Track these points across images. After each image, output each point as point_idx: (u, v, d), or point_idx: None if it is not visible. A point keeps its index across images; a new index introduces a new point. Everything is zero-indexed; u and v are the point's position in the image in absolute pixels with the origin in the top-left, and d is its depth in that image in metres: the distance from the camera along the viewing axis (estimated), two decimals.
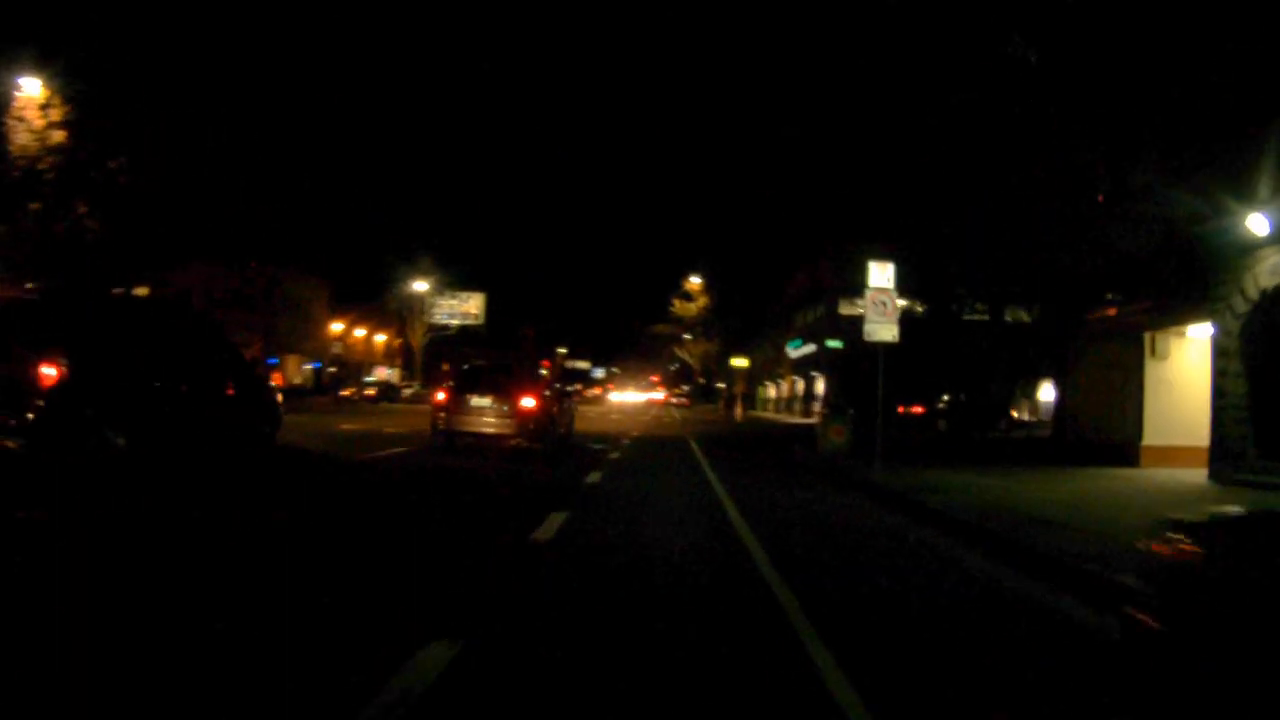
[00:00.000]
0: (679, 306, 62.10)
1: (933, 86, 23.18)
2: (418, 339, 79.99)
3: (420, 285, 72.11)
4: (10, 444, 8.77)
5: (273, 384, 16.94)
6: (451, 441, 18.00)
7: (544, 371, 30.89)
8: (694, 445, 25.13)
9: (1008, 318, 32.56)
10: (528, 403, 18.00)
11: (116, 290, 22.11)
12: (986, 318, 43.69)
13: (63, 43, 24.30)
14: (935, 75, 22.90)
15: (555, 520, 8.49)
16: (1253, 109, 14.03)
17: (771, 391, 75.08)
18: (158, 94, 27.14)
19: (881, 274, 18.99)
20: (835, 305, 54.80)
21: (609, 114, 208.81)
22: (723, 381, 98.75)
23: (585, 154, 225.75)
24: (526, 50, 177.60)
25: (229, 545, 6.83)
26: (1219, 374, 14.96)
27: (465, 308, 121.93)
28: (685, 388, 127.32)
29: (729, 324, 58.56)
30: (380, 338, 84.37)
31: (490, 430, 17.97)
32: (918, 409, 43.74)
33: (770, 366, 66.39)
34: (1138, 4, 17.32)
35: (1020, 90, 19.98)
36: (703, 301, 60.83)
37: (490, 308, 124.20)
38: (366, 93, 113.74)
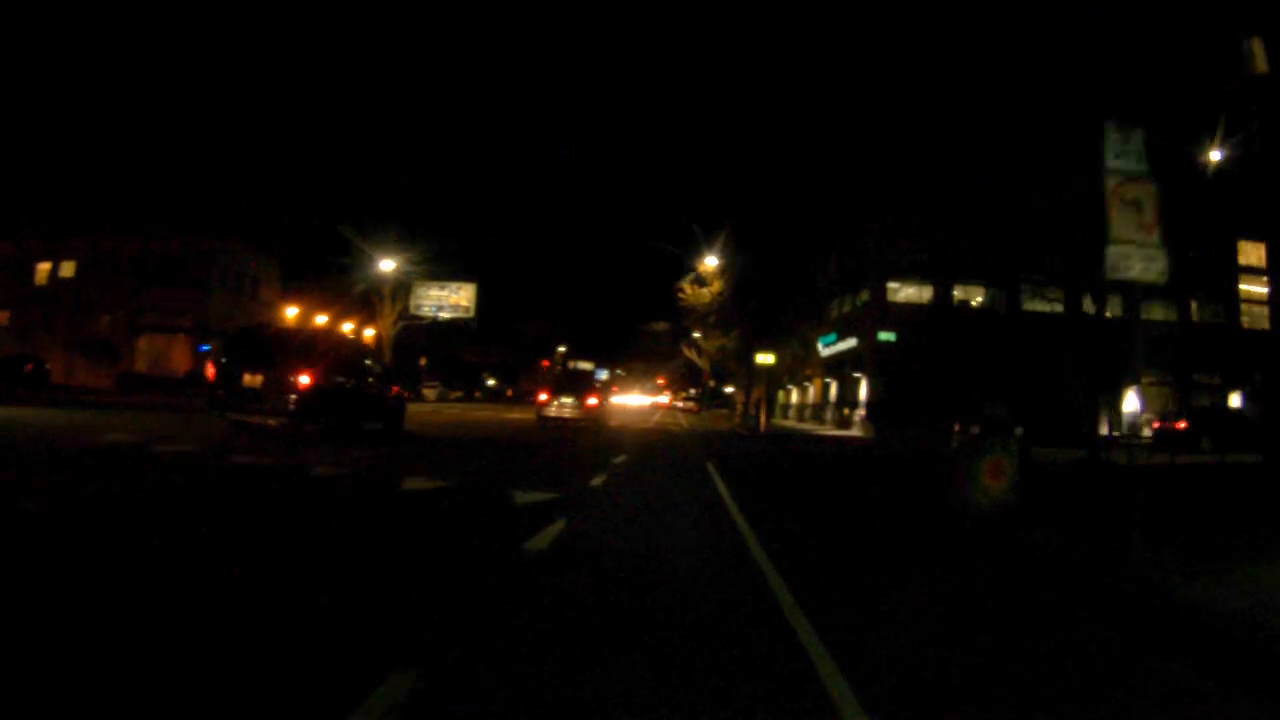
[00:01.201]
0: (689, 293, 51.64)
1: None
2: (387, 329, 69.81)
3: (387, 264, 61.77)
4: (272, 422, 16.29)
5: (396, 390, 23.47)
6: (546, 422, 30.91)
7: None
8: (721, 487, 14.62)
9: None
10: (592, 400, 33.09)
11: None
12: (1055, 308, 34.70)
13: None
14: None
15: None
16: None
17: (794, 396, 64.68)
18: None
19: (1127, 148, 9.31)
20: (883, 290, 44.58)
21: (615, 77, 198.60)
22: (735, 385, 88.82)
23: (588, 128, 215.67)
24: (530, 21, 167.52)
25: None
26: None
27: (455, 299, 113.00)
28: (693, 391, 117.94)
29: (748, 312, 48.19)
30: (347, 326, 74.16)
31: (569, 415, 31.70)
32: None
33: (795, 366, 56.32)
34: None
35: None
36: (717, 286, 50.45)
37: (483, 300, 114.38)
38: (359, 67, 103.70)
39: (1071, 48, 22.58)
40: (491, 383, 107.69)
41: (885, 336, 42.02)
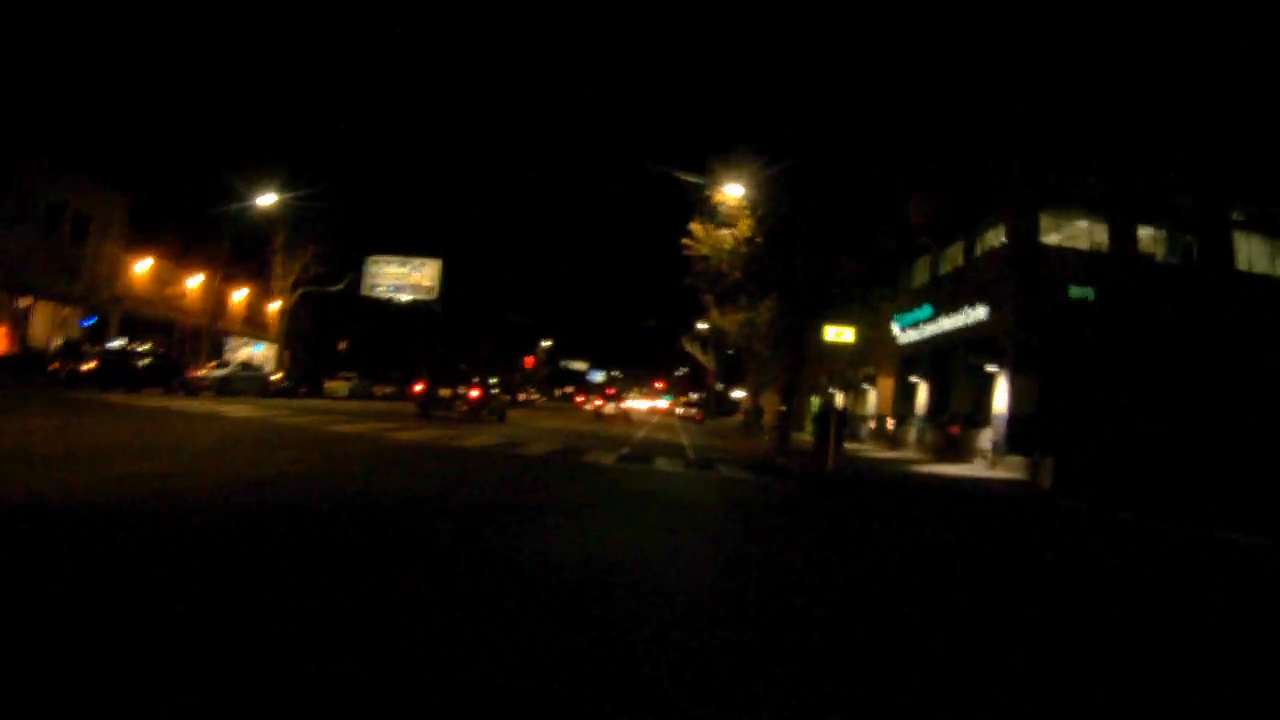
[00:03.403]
0: (702, 236, 32.61)
1: None
2: (284, 298, 51.33)
3: (266, 198, 43.33)
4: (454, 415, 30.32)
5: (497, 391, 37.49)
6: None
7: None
8: None
9: None
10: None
11: None
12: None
13: None
14: None
15: None
16: None
17: (839, 401, 46.07)
18: None
19: None
20: (1032, 226, 26.52)
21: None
22: (750, 386, 70.19)
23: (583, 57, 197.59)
24: None
25: None
26: None
27: (416, 277, 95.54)
28: (694, 396, 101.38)
29: (796, 268, 29.42)
30: (240, 294, 55.50)
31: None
32: None
33: (851, 360, 37.98)
34: None
35: None
36: (745, 228, 31.64)
37: (457, 286, 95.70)
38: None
39: None
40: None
41: (1079, 292, 23.52)
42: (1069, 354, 24.18)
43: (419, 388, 32.43)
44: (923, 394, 32.56)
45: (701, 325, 72.23)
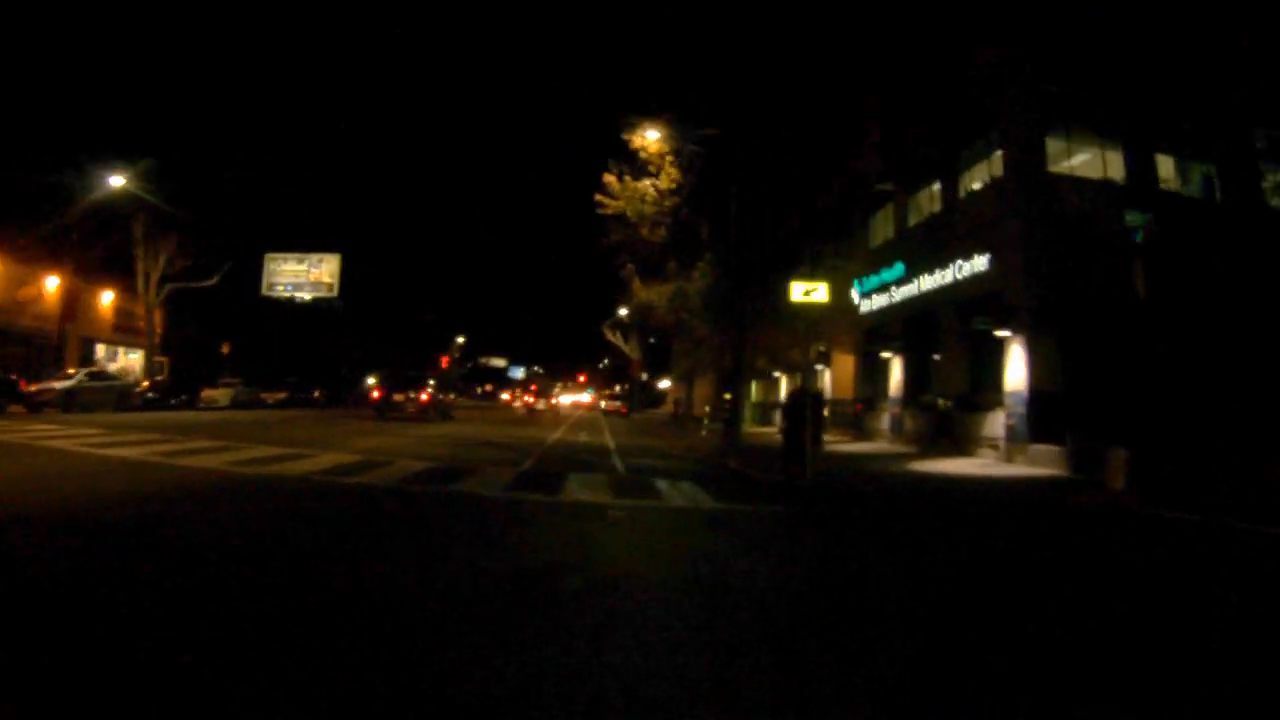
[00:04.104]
0: (620, 190, 26.34)
1: None
2: (149, 296, 43.88)
3: (116, 180, 36.22)
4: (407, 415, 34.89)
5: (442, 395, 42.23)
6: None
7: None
8: None
9: None
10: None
11: None
12: None
13: None
14: None
15: None
16: None
17: (784, 388, 40.39)
18: None
19: None
20: (1035, 149, 21.07)
21: None
22: (676, 376, 64.63)
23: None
24: None
25: None
26: None
27: (315, 274, 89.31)
28: (619, 389, 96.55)
29: (722, 221, 23.47)
30: (108, 296, 47.55)
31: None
32: None
33: (783, 340, 32.36)
34: None
35: None
36: (669, 179, 25.54)
37: (366, 283, 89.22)
38: None
39: None
40: (372, 381, 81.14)
41: (1134, 219, 17.79)
42: (1110, 307, 18.66)
43: (376, 394, 39.06)
44: (896, 371, 26.76)
45: (623, 311, 66.54)
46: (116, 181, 35.81)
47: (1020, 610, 5.92)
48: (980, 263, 21.20)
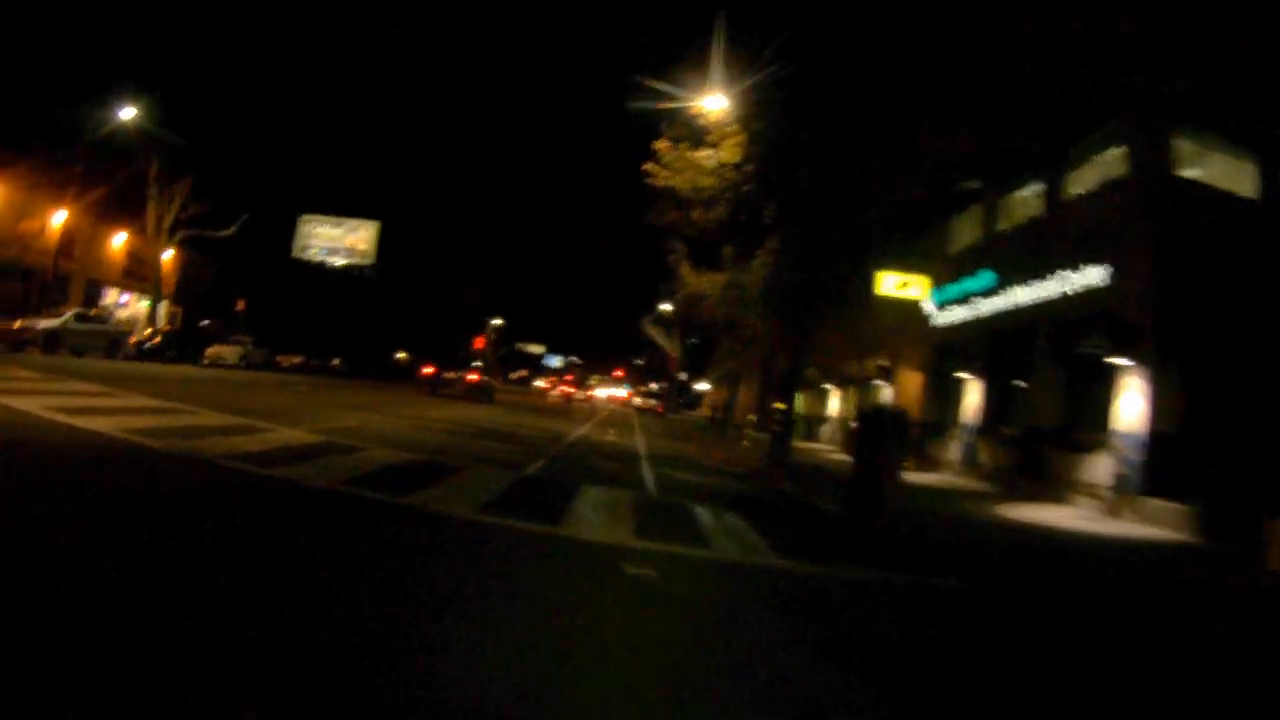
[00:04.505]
0: (671, 159, 22.86)
1: None
2: (159, 242, 41.28)
3: (126, 111, 33.73)
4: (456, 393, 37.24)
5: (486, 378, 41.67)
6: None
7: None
8: None
9: None
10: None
11: None
12: None
13: None
14: None
15: None
16: None
17: (835, 404, 37.11)
18: None
19: None
20: (1160, 149, 17.77)
21: None
22: (716, 379, 61.33)
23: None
24: None
25: None
26: None
27: (351, 240, 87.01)
28: (654, 386, 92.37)
29: (794, 196, 20.17)
30: (120, 238, 45.18)
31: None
32: None
33: (842, 348, 29.12)
34: None
35: None
36: (732, 150, 22.09)
37: (390, 249, 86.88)
38: None
39: None
40: (401, 356, 78.86)
41: None
42: (1250, 338, 15.32)
43: (429, 370, 40.86)
44: (973, 395, 23.33)
45: (665, 306, 63.43)
46: (127, 113, 33.19)
47: None
48: (1094, 275, 17.78)
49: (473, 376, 39.52)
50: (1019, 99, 22.05)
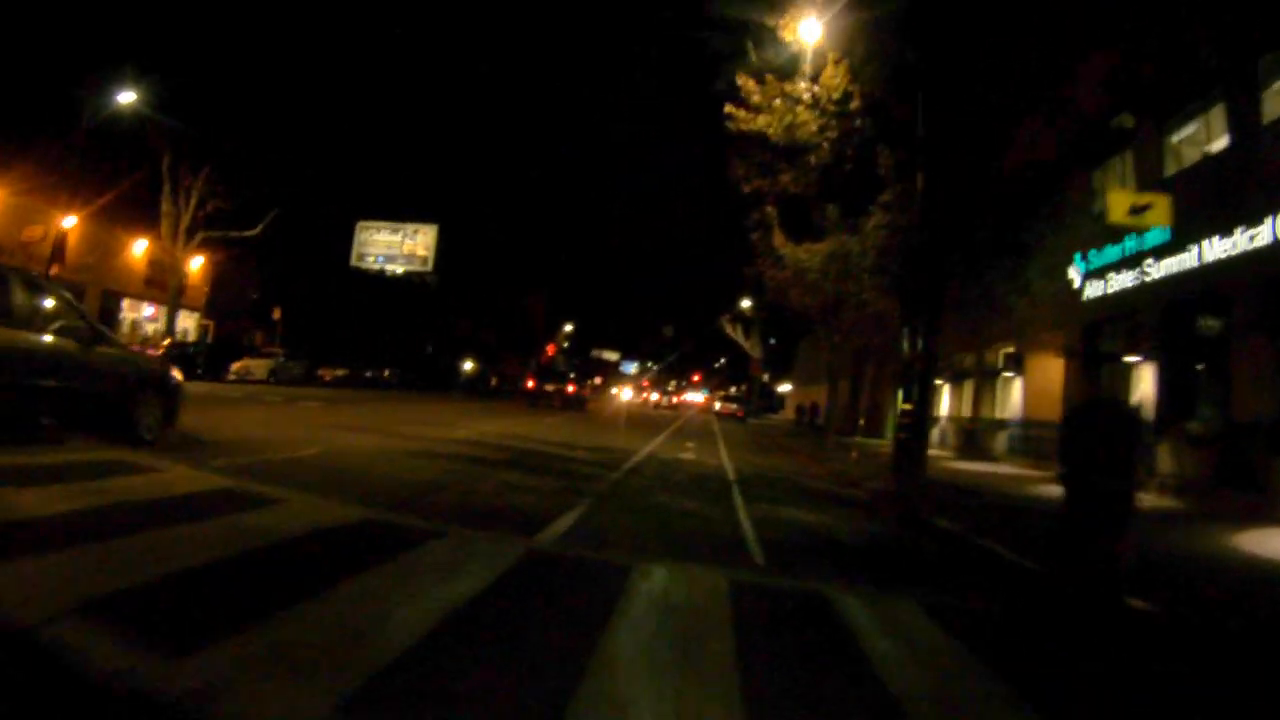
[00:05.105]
0: (762, 95, 18.58)
1: None
2: (177, 246, 37.46)
3: (125, 95, 30.41)
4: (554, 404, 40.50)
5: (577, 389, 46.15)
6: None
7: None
8: None
9: None
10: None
11: None
12: None
13: None
14: None
15: None
16: None
17: (945, 400, 32.24)
18: None
19: None
20: None
21: None
22: (799, 380, 56.98)
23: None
24: None
25: None
26: None
27: (410, 246, 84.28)
28: (734, 389, 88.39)
29: (919, 149, 15.93)
30: (141, 245, 41.81)
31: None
32: None
33: (967, 333, 24.44)
34: None
35: None
36: (833, 81, 17.70)
37: (450, 253, 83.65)
38: None
39: None
40: (470, 366, 75.84)
41: None
42: None
43: (530, 384, 45.25)
44: (1144, 384, 18.57)
45: (745, 303, 59.55)
46: (126, 97, 29.76)
47: None
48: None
49: (570, 388, 43.55)
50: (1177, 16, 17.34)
